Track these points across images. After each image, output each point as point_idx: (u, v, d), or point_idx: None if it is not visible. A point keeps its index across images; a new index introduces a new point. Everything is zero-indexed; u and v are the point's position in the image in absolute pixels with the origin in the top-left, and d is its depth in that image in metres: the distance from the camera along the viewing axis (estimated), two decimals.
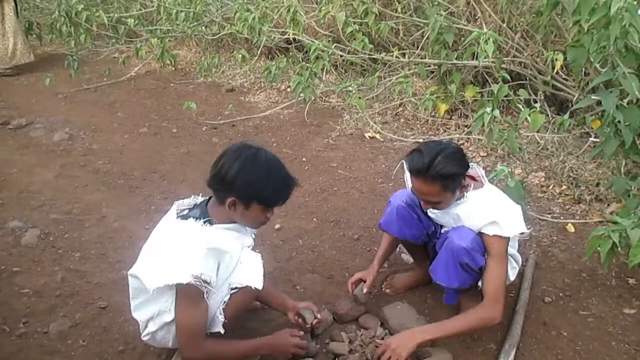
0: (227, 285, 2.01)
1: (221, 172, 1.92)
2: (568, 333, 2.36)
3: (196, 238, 1.90)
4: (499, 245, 2.15)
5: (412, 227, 2.42)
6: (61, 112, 5.23)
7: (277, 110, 5.10)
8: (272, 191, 1.96)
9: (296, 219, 3.29)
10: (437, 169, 2.04)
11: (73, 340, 2.31)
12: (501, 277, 2.16)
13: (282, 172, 1.99)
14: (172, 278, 1.85)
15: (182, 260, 1.86)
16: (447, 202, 2.19)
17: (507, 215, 2.16)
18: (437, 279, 2.28)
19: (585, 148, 3.74)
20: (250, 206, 1.95)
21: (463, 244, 2.15)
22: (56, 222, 3.25)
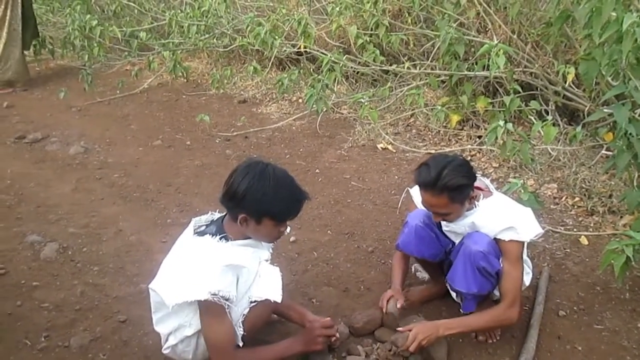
0: (246, 299, 2.05)
1: (231, 189, 1.97)
2: (582, 347, 2.37)
3: (213, 255, 1.95)
4: (515, 249, 2.21)
5: (430, 246, 2.46)
6: (76, 126, 5.30)
7: (289, 122, 5.14)
8: (282, 206, 2.00)
9: (310, 231, 3.33)
10: (445, 181, 2.11)
11: (94, 354, 2.35)
12: (518, 280, 2.23)
13: (291, 186, 2.02)
14: (189, 295, 1.90)
15: (200, 277, 1.91)
16: (457, 214, 2.25)
17: (523, 219, 2.23)
18: (455, 286, 2.32)
19: (597, 159, 3.76)
20: (261, 222, 1.99)
21: (479, 248, 2.20)
22: (74, 235, 3.30)
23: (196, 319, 2.01)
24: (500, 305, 2.26)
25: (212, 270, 1.91)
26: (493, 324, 2.29)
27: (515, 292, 2.23)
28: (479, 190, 2.32)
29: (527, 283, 2.43)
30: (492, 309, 2.28)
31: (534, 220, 2.27)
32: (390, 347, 2.33)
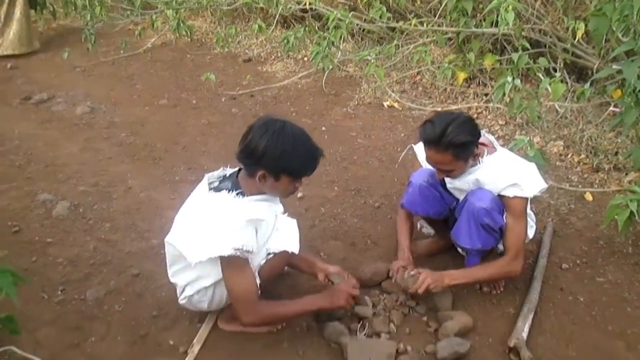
0: (264, 251, 2.10)
1: (250, 146, 1.98)
2: (584, 299, 2.43)
3: (234, 211, 1.99)
4: (519, 205, 2.25)
5: (434, 205, 2.49)
6: (81, 86, 5.28)
7: (294, 80, 5.12)
8: (300, 163, 2.02)
9: (318, 187, 3.37)
10: (449, 138, 2.12)
11: (109, 305, 2.43)
12: (522, 234, 2.28)
13: (308, 144, 2.04)
14: (213, 251, 1.94)
15: (222, 233, 1.94)
16: (461, 170, 2.28)
17: (526, 175, 2.25)
18: (459, 242, 2.37)
19: (604, 117, 3.74)
20: (279, 178, 2.02)
21: (483, 205, 2.23)
22: (84, 194, 3.34)
23: (214, 270, 2.06)
24: (504, 257, 2.31)
25: (234, 226, 1.95)
26: (497, 275, 2.35)
27: (519, 246, 2.28)
28: (483, 147, 2.34)
29: (530, 236, 2.48)
30: (497, 261, 2.34)
31: (538, 175, 2.30)
32: (396, 298, 2.41)
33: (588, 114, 3.86)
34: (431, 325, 2.30)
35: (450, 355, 2.07)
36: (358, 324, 2.28)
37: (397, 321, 2.30)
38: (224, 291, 2.11)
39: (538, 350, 2.17)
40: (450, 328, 2.20)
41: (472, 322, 2.27)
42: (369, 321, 2.29)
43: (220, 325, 2.28)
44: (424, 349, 2.18)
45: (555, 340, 2.23)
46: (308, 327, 2.29)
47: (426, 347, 2.18)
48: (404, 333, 2.27)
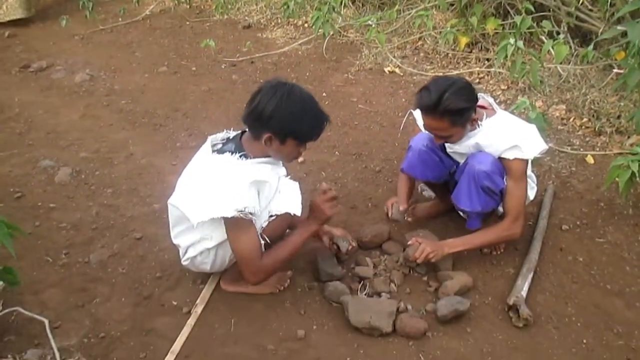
0: (266, 213, 2.11)
1: (257, 109, 1.97)
2: (584, 258, 2.45)
3: (237, 172, 1.98)
4: (519, 167, 2.25)
5: (434, 169, 2.49)
6: (80, 54, 5.23)
7: (295, 47, 5.06)
8: (307, 127, 2.02)
9: (319, 152, 3.36)
10: (445, 105, 2.11)
11: (113, 268, 2.45)
12: (522, 197, 2.29)
13: (316, 108, 2.04)
14: (216, 212, 1.94)
15: (225, 194, 1.94)
16: (459, 136, 2.27)
17: (526, 137, 2.24)
18: (460, 205, 2.37)
19: (607, 81, 3.72)
20: (285, 142, 2.02)
21: (483, 168, 2.23)
22: (86, 160, 3.35)
23: (217, 232, 2.07)
24: (504, 221, 2.32)
25: (237, 188, 1.95)
26: (497, 240, 2.37)
27: (519, 209, 2.29)
28: (482, 109, 2.32)
29: (531, 197, 2.49)
30: (497, 225, 2.35)
31: (538, 136, 2.29)
32: (397, 259, 2.43)
33: (591, 77, 3.82)
34: (431, 285, 2.33)
35: (450, 313, 2.10)
36: (359, 284, 2.31)
37: (397, 281, 2.33)
38: (227, 253, 2.13)
39: (537, 308, 2.20)
40: (451, 287, 2.23)
41: (472, 281, 2.30)
42: (370, 281, 2.32)
43: (223, 286, 2.31)
44: (424, 308, 2.21)
45: (555, 299, 2.26)
46: (310, 287, 2.32)
47: (426, 306, 2.21)
48: (405, 292, 2.30)
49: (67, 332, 2.12)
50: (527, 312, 2.10)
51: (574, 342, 2.08)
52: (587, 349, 2.06)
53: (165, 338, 2.10)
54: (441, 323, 2.14)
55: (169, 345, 2.06)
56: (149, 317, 2.19)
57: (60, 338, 2.08)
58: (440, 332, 2.11)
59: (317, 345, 2.07)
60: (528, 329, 2.12)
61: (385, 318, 2.07)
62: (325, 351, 2.04)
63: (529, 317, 2.10)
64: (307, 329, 2.13)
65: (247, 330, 2.13)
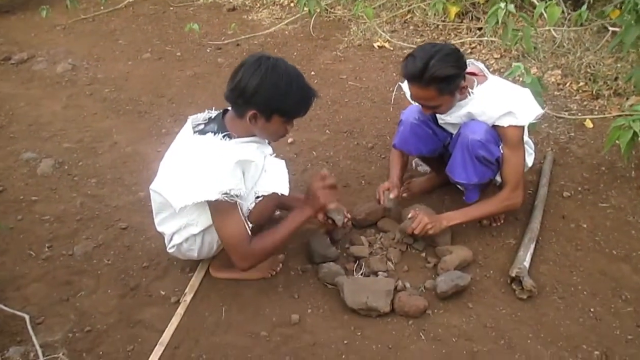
0: (252, 194, 1.99)
1: (240, 84, 1.86)
2: (587, 225, 2.36)
3: (220, 153, 1.88)
4: (515, 134, 2.13)
5: (427, 142, 2.38)
6: (61, 44, 5.11)
7: (281, 27, 4.94)
8: (294, 102, 1.91)
9: (308, 132, 3.26)
10: (431, 72, 1.98)
11: (98, 259, 2.36)
12: (520, 165, 2.18)
13: (302, 82, 1.92)
14: (199, 196, 1.84)
15: (208, 177, 1.84)
16: (448, 105, 2.15)
17: (520, 102, 2.12)
18: (455, 178, 2.26)
19: (603, 43, 3.60)
20: (271, 119, 1.91)
21: (477, 137, 2.12)
22: (69, 150, 3.25)
23: (203, 217, 1.97)
24: (503, 190, 2.22)
25: (221, 169, 1.84)
26: (497, 210, 2.27)
27: (518, 177, 2.18)
28: (472, 76, 2.19)
29: (529, 164, 2.38)
30: (496, 196, 2.24)
31: (533, 101, 2.16)
32: (393, 236, 2.33)
33: (586, 41, 3.71)
34: (430, 261, 2.23)
35: (450, 289, 2.00)
36: (354, 264, 2.22)
37: (394, 259, 2.24)
38: (214, 238, 2.03)
39: (541, 279, 2.11)
40: (450, 262, 2.14)
41: (472, 255, 2.20)
42: (366, 261, 2.22)
43: (213, 273, 2.22)
44: (423, 285, 2.12)
45: (559, 268, 2.17)
46: (303, 269, 2.23)
47: (425, 283, 2.12)
48: (402, 270, 2.21)
49: (51, 327, 2.03)
50: (531, 283, 2.01)
51: (581, 312, 1.99)
52: (595, 317, 1.97)
53: (153, 329, 2.01)
54: (441, 300, 2.05)
55: (158, 337, 1.97)
56: (136, 309, 2.10)
57: (43, 334, 1.99)
58: (441, 309, 2.02)
59: (312, 329, 1.97)
60: (532, 300, 2.03)
61: (383, 297, 1.97)
62: (321, 335, 1.95)
63: (533, 288, 2.00)
64: (302, 313, 2.04)
65: (239, 317, 2.04)
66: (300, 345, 1.91)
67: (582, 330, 1.92)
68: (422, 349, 1.88)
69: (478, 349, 1.87)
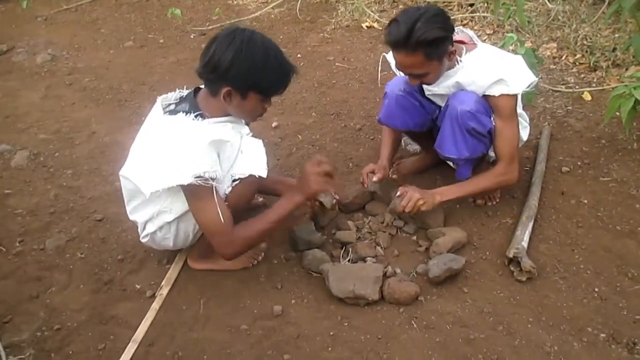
0: (229, 177, 1.86)
1: (213, 59, 1.71)
2: (589, 200, 2.23)
3: (193, 134, 1.73)
4: (508, 104, 1.99)
5: (414, 115, 2.23)
6: (42, 35, 4.95)
7: (267, 10, 4.79)
8: (271, 78, 1.76)
9: (294, 115, 3.12)
10: (417, 35, 1.82)
11: (71, 253, 2.23)
12: (514, 137, 2.03)
13: (281, 57, 1.77)
14: (171, 180, 1.70)
15: (181, 159, 1.70)
16: (436, 73, 1.99)
17: (512, 69, 1.98)
18: (445, 153, 2.12)
19: (599, 15, 3.45)
20: (247, 96, 1.77)
21: (466, 107, 1.97)
22: (45, 142, 3.11)
23: (177, 204, 1.83)
24: (498, 165, 2.08)
25: (194, 150, 1.70)
26: (493, 185, 2.12)
27: (513, 150, 2.04)
28: (461, 44, 2.04)
29: (524, 138, 2.23)
30: (490, 170, 2.11)
31: (525, 68, 2.02)
32: (382, 219, 2.20)
33: (581, 13, 3.55)
34: (422, 244, 2.10)
35: (443, 273, 1.87)
36: (341, 250, 2.08)
37: (384, 243, 2.10)
38: (189, 226, 1.90)
39: (540, 259, 1.98)
40: (443, 245, 2.00)
41: (466, 236, 2.07)
42: (353, 246, 2.09)
43: (190, 264, 2.09)
44: (415, 270, 1.99)
45: (559, 247, 2.03)
46: (286, 258, 2.10)
47: (417, 268, 1.99)
48: (392, 255, 2.08)
49: (19, 326, 1.90)
50: (530, 264, 1.87)
51: (584, 292, 1.86)
52: (600, 297, 1.84)
53: (127, 326, 1.88)
54: (434, 285, 1.91)
55: (131, 334, 1.84)
56: (109, 304, 1.97)
57: (10, 333, 1.87)
58: (434, 295, 1.89)
59: (296, 320, 1.84)
60: (532, 282, 1.90)
61: (371, 284, 1.84)
62: (306, 326, 1.82)
63: (532, 269, 1.87)
64: (285, 304, 1.90)
65: (218, 310, 1.91)
66: (283, 338, 1.78)
67: (586, 312, 1.79)
68: (414, 338, 1.75)
69: (475, 335, 1.74)
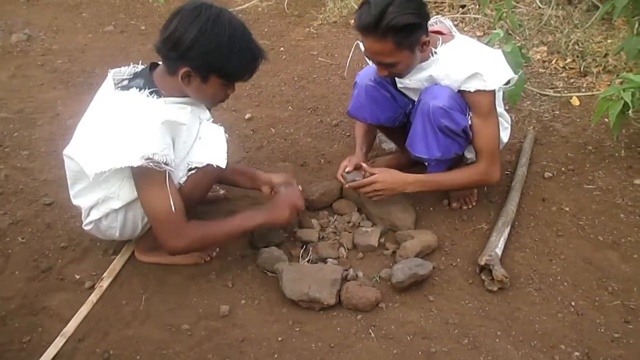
0: (184, 165, 1.70)
1: (174, 35, 1.56)
2: (570, 208, 2.08)
3: (145, 112, 1.58)
4: (485, 101, 1.83)
5: (385, 108, 2.07)
6: (21, 15, 4.78)
7: (255, 3, 4.64)
8: (236, 62, 1.61)
9: (269, 108, 2.97)
10: (388, 19, 1.67)
11: (11, 238, 2.07)
12: (494, 135, 1.88)
13: (249, 39, 1.63)
14: (118, 161, 1.54)
15: (129, 139, 1.55)
16: (407, 64, 1.83)
17: (489, 63, 1.82)
18: (415, 153, 1.96)
19: (592, 21, 3.32)
20: (208, 79, 1.62)
21: (439, 103, 1.82)
22: (5, 120, 2.95)
23: (125, 189, 1.67)
24: (478, 163, 1.93)
25: (144, 129, 1.55)
26: (471, 181, 1.95)
27: (493, 149, 1.89)
28: (438, 35, 1.88)
29: (504, 140, 2.08)
30: (470, 167, 1.96)
31: (504, 62, 1.86)
32: (348, 219, 2.04)
33: (575, 19, 3.42)
34: (388, 247, 1.95)
35: (407, 279, 1.71)
36: (301, 249, 1.92)
37: (347, 245, 1.94)
38: (138, 215, 1.74)
39: (515, 268, 1.83)
40: (410, 248, 1.85)
41: (436, 240, 1.92)
42: (314, 246, 1.93)
43: (138, 256, 1.92)
44: (378, 275, 1.83)
45: (536, 256, 1.88)
46: (242, 255, 1.94)
47: (381, 272, 1.83)
48: (356, 258, 1.92)
49: None
50: (502, 273, 1.72)
51: (560, 306, 1.71)
52: (577, 312, 1.69)
53: (58, 318, 1.72)
54: (398, 291, 1.76)
55: (62, 327, 1.67)
56: (43, 294, 1.81)
57: None
58: (397, 303, 1.74)
59: (243, 323, 1.68)
60: (504, 293, 1.75)
61: (327, 287, 1.68)
62: (253, 330, 1.66)
63: (505, 279, 1.72)
64: (233, 304, 1.74)
65: (160, 307, 1.74)
66: (227, 341, 1.62)
67: (560, 328, 1.64)
68: (369, 348, 1.59)
69: (436, 349, 1.58)
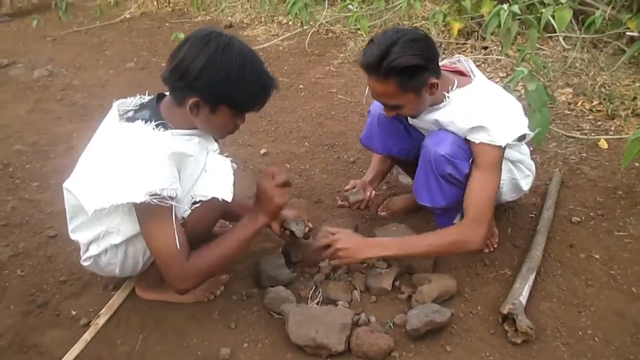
0: (189, 198, 1.61)
1: (182, 64, 1.49)
2: (601, 256, 1.93)
3: (151, 145, 1.50)
4: (490, 155, 1.69)
5: (397, 140, 1.98)
6: (45, 52, 4.92)
7: (276, 42, 4.68)
8: (246, 92, 1.54)
9: (286, 144, 2.91)
10: (390, 61, 1.58)
11: (10, 270, 1.99)
12: (488, 193, 1.70)
13: (259, 69, 1.56)
14: (121, 197, 1.47)
15: (134, 174, 1.47)
16: (413, 107, 1.73)
17: (499, 116, 1.68)
18: (419, 200, 1.86)
19: (619, 64, 3.23)
20: (217, 110, 1.55)
21: (441, 150, 1.72)
22: (19, 153, 2.95)
23: (126, 224, 1.59)
24: (458, 225, 1.78)
25: (150, 163, 1.47)
26: (447, 248, 1.72)
27: (481, 207, 1.69)
28: (453, 76, 1.77)
29: (525, 188, 1.94)
30: (448, 229, 1.79)
31: (519, 116, 1.73)
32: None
33: (600, 62, 3.34)
34: (404, 291, 1.81)
35: (423, 326, 1.58)
36: (310, 290, 1.81)
37: (361, 287, 1.82)
38: (139, 250, 1.64)
39: (541, 319, 1.68)
40: (427, 293, 1.72)
41: (455, 285, 1.78)
42: (325, 287, 1.81)
43: (138, 293, 1.82)
44: (392, 320, 1.69)
45: (564, 307, 1.73)
46: (248, 294, 1.83)
47: (395, 318, 1.70)
48: (369, 301, 1.79)
49: None
50: (527, 324, 1.58)
51: None
52: None
53: (49, 356, 1.61)
54: (412, 339, 1.62)
55: None
56: (36, 330, 1.71)
57: None
58: (411, 352, 1.59)
59: None
60: (528, 346, 1.59)
61: (336, 333, 1.55)
62: None
63: (530, 330, 1.58)
64: (235, 346, 1.62)
65: (157, 348, 1.63)
66: None
67: None
68: None
69: None
